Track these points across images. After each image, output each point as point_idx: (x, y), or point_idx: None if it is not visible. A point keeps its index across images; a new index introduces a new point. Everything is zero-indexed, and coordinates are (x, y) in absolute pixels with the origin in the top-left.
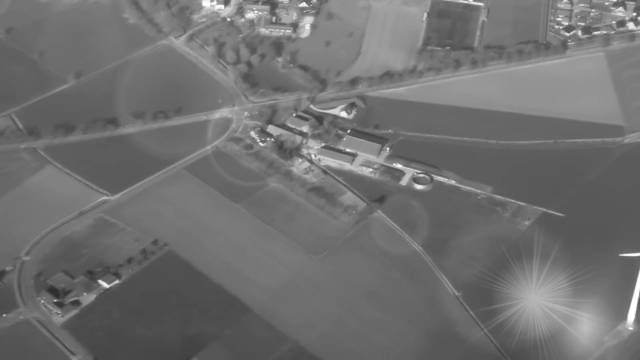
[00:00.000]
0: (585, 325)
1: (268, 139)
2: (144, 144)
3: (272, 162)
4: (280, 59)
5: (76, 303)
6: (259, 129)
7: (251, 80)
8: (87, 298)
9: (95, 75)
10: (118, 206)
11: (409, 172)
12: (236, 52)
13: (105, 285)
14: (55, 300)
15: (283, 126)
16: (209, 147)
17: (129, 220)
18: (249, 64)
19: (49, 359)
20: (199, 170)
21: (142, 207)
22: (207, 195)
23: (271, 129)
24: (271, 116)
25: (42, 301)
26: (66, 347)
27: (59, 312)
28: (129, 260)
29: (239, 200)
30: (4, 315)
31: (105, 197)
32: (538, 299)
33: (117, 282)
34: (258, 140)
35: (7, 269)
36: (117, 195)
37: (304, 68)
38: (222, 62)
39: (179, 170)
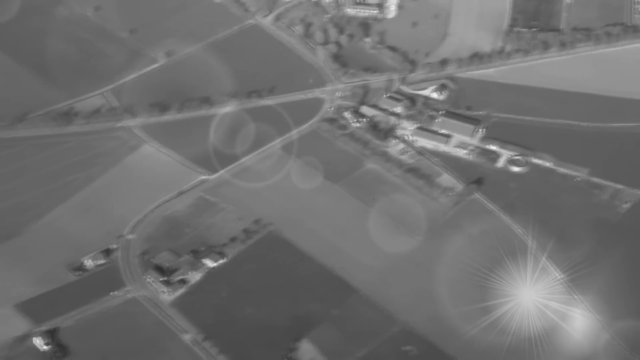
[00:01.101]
0: None
1: (362, 119)
2: (239, 123)
3: (367, 143)
4: (368, 40)
5: (183, 282)
6: (352, 109)
7: (340, 60)
8: (194, 277)
9: (186, 55)
10: (217, 185)
11: (504, 154)
12: (324, 32)
13: (210, 264)
14: (162, 279)
15: (375, 107)
16: (303, 127)
17: (229, 200)
18: (338, 44)
19: (159, 336)
20: (295, 150)
21: (241, 187)
22: (305, 175)
23: (365, 109)
24: (363, 97)
25: (149, 279)
26: (176, 326)
27: (167, 290)
28: (233, 240)
29: (338, 181)
30: (113, 293)
31: (204, 177)
32: None
33: (222, 261)
34: (352, 121)
35: (112, 247)
36: (216, 175)
37: (392, 49)
38: (309, 42)
39: (275, 150)
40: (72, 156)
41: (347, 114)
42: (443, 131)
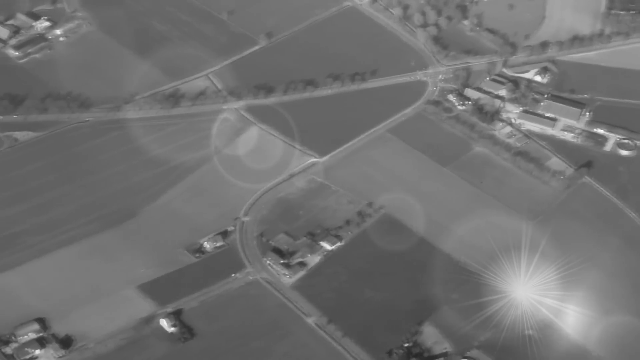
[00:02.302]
0: None
1: (466, 102)
2: (343, 106)
3: (473, 126)
4: (466, 22)
5: (302, 264)
6: (456, 92)
7: (440, 42)
8: (312, 259)
9: (285, 36)
10: (328, 168)
11: (612, 137)
12: (423, 14)
13: (327, 247)
14: (281, 262)
15: (479, 90)
16: (409, 110)
17: (340, 182)
18: (437, 26)
19: (283, 319)
20: (402, 132)
21: (351, 170)
22: (413, 158)
23: (469, 92)
24: (466, 79)
25: (269, 262)
26: (299, 308)
27: (287, 273)
28: (348, 222)
29: (446, 164)
30: (233, 275)
31: (314, 159)
32: None
33: (339, 244)
34: (457, 104)
35: (229, 229)
36: (326, 157)
37: (491, 31)
38: (408, 24)
39: (383, 133)
40: (180, 138)
41: (451, 97)
42: (549, 114)
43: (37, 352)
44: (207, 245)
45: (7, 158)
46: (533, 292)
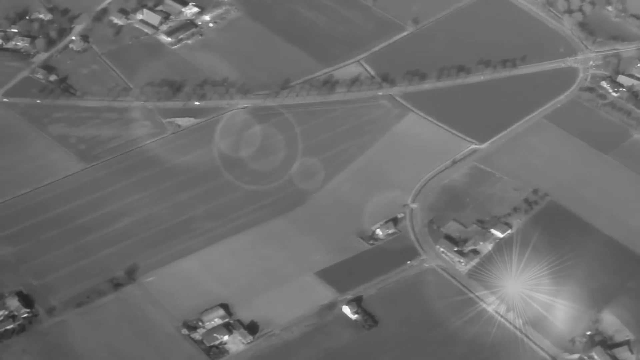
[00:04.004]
0: None
1: (620, 89)
2: (496, 92)
3: (629, 113)
4: (610, 8)
5: (475, 252)
6: (609, 79)
7: (586, 28)
8: (484, 247)
9: (432, 22)
10: (489, 155)
11: None
12: (566, 0)
13: (498, 234)
14: (455, 249)
15: (632, 76)
16: (562, 97)
17: (503, 169)
18: (582, 12)
19: (460, 307)
20: (558, 119)
21: (513, 156)
22: (573, 145)
23: (622, 78)
24: (617, 66)
25: (442, 249)
26: (477, 296)
27: (462, 260)
28: (515, 210)
29: (608, 151)
30: (409, 262)
31: (474, 146)
32: None
33: (509, 231)
34: (610, 90)
35: (399, 215)
36: (486, 144)
37: (637, 17)
38: (552, 10)
39: (539, 120)
40: (340, 124)
41: (604, 84)
42: None
43: (226, 337)
44: (379, 232)
45: (173, 144)
46: None
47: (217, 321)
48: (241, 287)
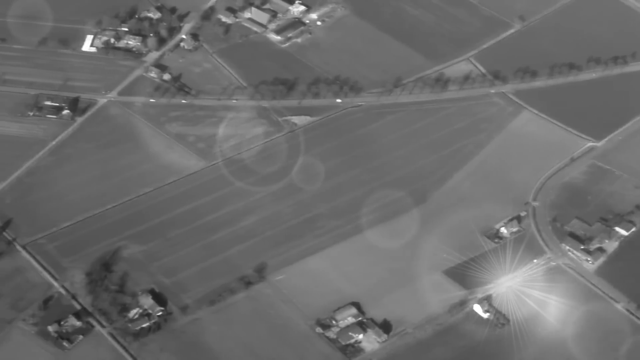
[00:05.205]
0: None
1: None
2: (607, 89)
3: None
4: None
5: (601, 250)
6: None
7: None
8: (610, 245)
9: (538, 19)
10: (606, 152)
11: None
12: None
13: (623, 232)
14: (582, 247)
15: None
16: None
17: (622, 167)
18: None
19: (590, 304)
20: None
21: (631, 154)
22: None
23: None
24: None
25: (568, 248)
26: (606, 294)
27: (589, 258)
28: (638, 208)
29: None
30: (534, 260)
31: (591, 143)
32: None
33: (633, 229)
34: None
35: (522, 214)
36: (603, 142)
37: None
38: None
39: None
40: (455, 122)
41: None
42: None
43: (360, 336)
44: (504, 230)
45: (290, 142)
46: None
47: (350, 320)
48: (370, 285)
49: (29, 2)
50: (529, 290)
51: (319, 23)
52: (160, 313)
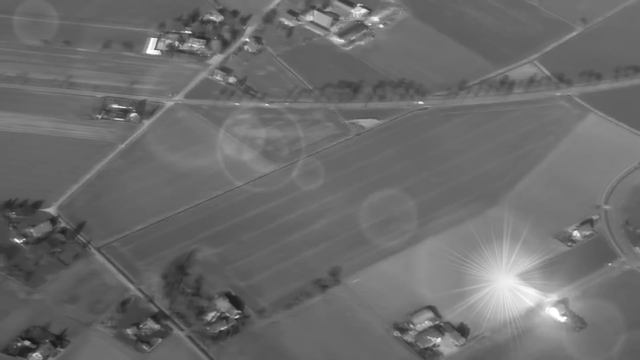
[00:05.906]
0: None
1: None
2: None
3: None
4: None
5: None
6: None
7: None
8: None
9: (600, 22)
10: None
11: None
12: None
13: None
14: None
15: None
16: None
17: None
18: None
19: None
20: None
21: None
22: None
23: None
24: None
25: None
26: None
27: None
28: None
29: None
30: (608, 264)
31: None
32: None
33: None
34: None
35: (594, 217)
36: None
37: None
38: None
39: None
40: (522, 125)
41: None
42: None
43: (438, 340)
44: (576, 233)
45: (358, 145)
46: None
47: (427, 323)
48: (445, 289)
49: (93, 4)
50: (604, 293)
51: (380, 26)
52: (237, 316)
